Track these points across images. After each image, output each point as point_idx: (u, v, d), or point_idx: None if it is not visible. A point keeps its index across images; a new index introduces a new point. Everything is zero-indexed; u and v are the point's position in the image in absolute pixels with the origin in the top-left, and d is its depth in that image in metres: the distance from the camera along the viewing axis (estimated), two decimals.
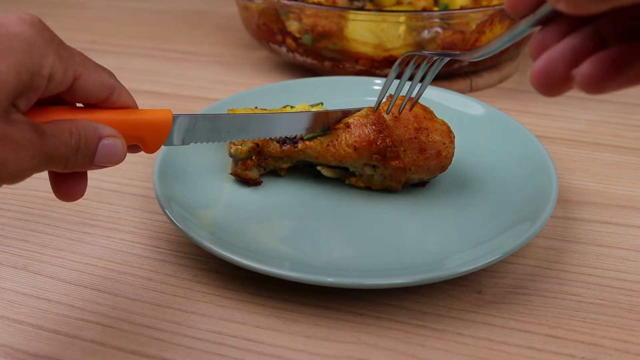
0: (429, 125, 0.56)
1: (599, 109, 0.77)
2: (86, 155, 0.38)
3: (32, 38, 0.34)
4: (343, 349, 0.44)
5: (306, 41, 0.81)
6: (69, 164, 0.37)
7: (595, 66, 0.31)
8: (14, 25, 0.34)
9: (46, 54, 0.35)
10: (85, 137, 0.38)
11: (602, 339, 0.45)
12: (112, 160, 0.39)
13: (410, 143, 0.55)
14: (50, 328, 0.46)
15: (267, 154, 0.58)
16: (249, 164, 0.58)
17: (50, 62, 0.35)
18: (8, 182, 0.35)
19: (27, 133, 0.34)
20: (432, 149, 0.55)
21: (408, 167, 0.55)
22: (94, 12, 1.16)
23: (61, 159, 0.37)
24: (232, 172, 0.59)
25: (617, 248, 0.54)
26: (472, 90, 0.82)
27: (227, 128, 0.49)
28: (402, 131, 0.55)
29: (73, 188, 0.41)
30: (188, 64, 0.93)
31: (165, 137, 0.43)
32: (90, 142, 0.38)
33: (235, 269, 0.51)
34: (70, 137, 0.37)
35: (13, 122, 0.34)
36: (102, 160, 0.39)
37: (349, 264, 0.50)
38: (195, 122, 0.46)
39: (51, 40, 0.36)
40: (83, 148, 0.38)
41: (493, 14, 0.76)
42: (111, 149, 0.39)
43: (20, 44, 0.34)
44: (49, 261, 0.53)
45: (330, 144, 0.56)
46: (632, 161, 0.66)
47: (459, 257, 0.49)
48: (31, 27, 0.35)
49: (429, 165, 0.56)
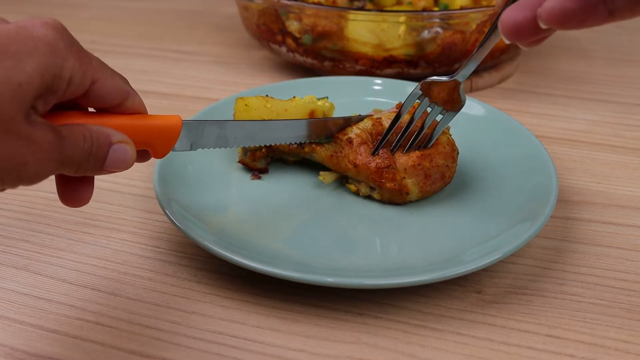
0: (431, 151, 0.55)
1: (599, 109, 0.77)
2: (97, 160, 0.38)
3: (55, 41, 0.35)
4: (343, 349, 0.44)
5: (306, 41, 0.81)
6: (81, 168, 0.38)
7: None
8: (38, 29, 0.35)
9: (67, 57, 0.35)
10: (97, 141, 0.38)
11: (602, 339, 0.45)
12: (121, 166, 0.40)
13: (414, 170, 0.54)
14: (50, 328, 0.46)
15: (275, 148, 0.60)
16: (258, 155, 0.60)
17: (70, 66, 0.36)
18: (26, 184, 0.35)
19: (47, 135, 0.35)
20: (437, 173, 0.55)
21: (404, 190, 0.55)
22: (94, 12, 1.16)
23: (75, 162, 0.37)
24: (240, 160, 0.61)
25: (617, 248, 0.54)
26: (472, 90, 0.82)
27: (234, 134, 0.49)
28: (404, 159, 0.55)
29: (80, 193, 0.41)
30: (188, 64, 0.93)
31: (174, 143, 0.44)
32: (102, 147, 0.38)
33: (235, 269, 0.51)
34: (84, 141, 0.37)
35: (34, 124, 0.34)
36: (111, 165, 0.39)
37: (349, 264, 0.50)
38: (204, 128, 0.47)
39: (72, 44, 0.36)
40: (95, 153, 0.38)
41: (493, 14, 0.76)
42: (121, 155, 0.39)
43: (43, 46, 0.34)
44: (49, 261, 0.53)
45: (334, 154, 0.57)
46: (632, 161, 0.66)
47: (459, 257, 0.49)
48: (54, 30, 0.35)
49: (434, 189, 0.56)
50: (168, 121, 0.43)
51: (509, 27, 0.38)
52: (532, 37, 0.38)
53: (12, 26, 0.35)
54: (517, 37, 0.39)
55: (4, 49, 0.33)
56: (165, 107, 0.80)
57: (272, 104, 0.60)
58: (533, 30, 0.38)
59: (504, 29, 0.39)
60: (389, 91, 0.72)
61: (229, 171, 0.61)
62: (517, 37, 0.39)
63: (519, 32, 0.38)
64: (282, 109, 0.60)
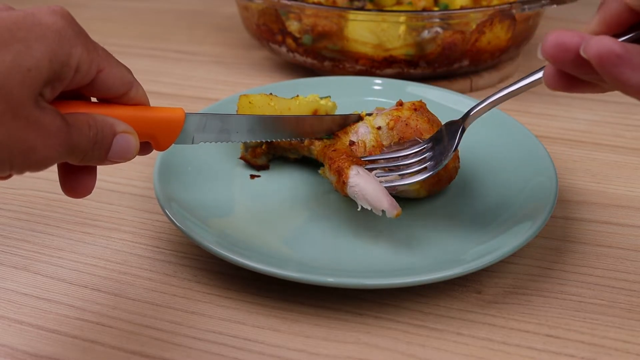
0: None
1: (599, 109, 0.77)
2: (102, 149, 0.38)
3: (63, 29, 0.35)
4: (343, 349, 0.44)
5: (306, 41, 0.81)
6: (86, 156, 0.38)
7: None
8: (46, 16, 0.35)
9: (75, 45, 0.35)
10: (102, 131, 0.38)
11: (602, 339, 0.45)
12: (124, 156, 0.39)
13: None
14: (50, 328, 0.46)
15: (276, 144, 0.61)
16: (259, 151, 0.61)
17: (78, 54, 0.36)
18: (33, 170, 0.35)
19: (56, 121, 0.35)
20: (446, 176, 0.56)
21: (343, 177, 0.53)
22: (94, 12, 1.16)
23: (81, 150, 0.37)
24: (241, 156, 0.61)
25: (617, 248, 0.54)
26: (472, 90, 0.82)
27: (236, 129, 0.49)
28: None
29: (82, 183, 0.41)
30: (188, 64, 0.93)
31: (177, 136, 0.44)
32: (106, 136, 0.38)
33: (235, 269, 0.51)
34: (89, 129, 0.37)
35: (43, 109, 0.34)
36: (115, 155, 0.39)
37: (349, 264, 0.50)
38: (206, 122, 0.46)
39: (79, 32, 0.36)
40: (100, 141, 0.38)
41: (493, 14, 0.76)
42: (125, 145, 0.39)
43: (51, 34, 0.35)
44: (49, 261, 0.53)
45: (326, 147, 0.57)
46: (631, 161, 0.66)
47: (459, 257, 0.49)
48: (62, 18, 0.36)
49: (440, 188, 0.57)
50: (171, 113, 0.43)
51: (553, 39, 0.35)
52: (568, 65, 0.36)
53: (20, 13, 0.35)
54: (555, 54, 0.35)
55: (12, 35, 0.33)
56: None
57: (276, 102, 0.60)
58: (573, 58, 0.35)
59: (547, 40, 0.35)
60: (389, 91, 0.72)
61: (229, 171, 0.61)
62: (555, 54, 0.35)
63: (559, 50, 0.35)
64: (285, 107, 0.60)
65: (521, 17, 0.79)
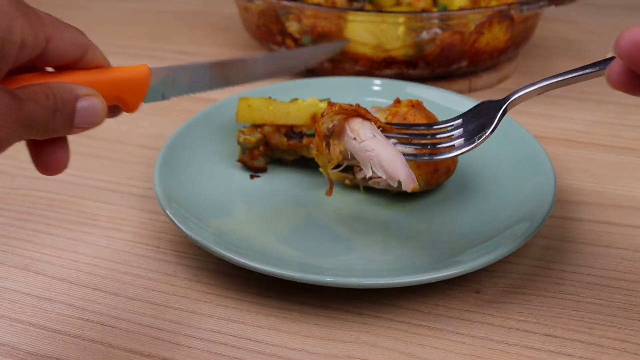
0: None
1: (598, 110, 0.77)
2: (65, 117, 0.36)
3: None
4: (343, 348, 0.45)
5: (306, 42, 0.81)
6: (49, 128, 0.35)
7: None
8: None
9: (14, 17, 0.33)
10: (60, 97, 0.36)
11: (601, 338, 0.45)
12: (93, 121, 0.37)
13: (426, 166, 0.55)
14: (51, 327, 0.47)
15: (274, 146, 0.60)
16: (256, 153, 0.61)
17: (19, 27, 0.33)
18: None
19: (4, 99, 0.33)
20: (443, 167, 0.56)
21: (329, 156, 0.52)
22: (94, 12, 1.16)
23: (41, 123, 0.35)
24: (239, 159, 0.61)
25: (615, 248, 0.54)
26: (471, 91, 0.83)
27: (207, 78, 0.47)
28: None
29: (54, 158, 0.38)
30: None
31: (145, 94, 0.41)
32: (66, 102, 0.36)
33: (235, 269, 0.51)
34: (46, 99, 0.35)
35: None
36: (82, 121, 0.37)
37: (349, 264, 0.50)
38: (174, 74, 0.44)
39: (18, 4, 0.34)
40: (60, 109, 0.36)
41: (492, 15, 0.76)
42: (90, 109, 0.37)
43: None
44: (49, 261, 0.53)
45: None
46: (630, 161, 0.67)
47: (458, 257, 0.49)
48: None
49: (439, 181, 0.57)
50: (135, 71, 0.41)
51: (632, 36, 0.33)
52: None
53: None
54: (631, 52, 0.33)
55: None
56: (165, 107, 0.80)
57: (275, 105, 0.60)
58: None
59: (624, 36, 0.33)
60: (388, 92, 0.72)
61: (228, 171, 0.61)
62: (631, 52, 0.33)
63: (637, 48, 0.33)
64: (284, 111, 0.60)
65: (520, 18, 0.80)
